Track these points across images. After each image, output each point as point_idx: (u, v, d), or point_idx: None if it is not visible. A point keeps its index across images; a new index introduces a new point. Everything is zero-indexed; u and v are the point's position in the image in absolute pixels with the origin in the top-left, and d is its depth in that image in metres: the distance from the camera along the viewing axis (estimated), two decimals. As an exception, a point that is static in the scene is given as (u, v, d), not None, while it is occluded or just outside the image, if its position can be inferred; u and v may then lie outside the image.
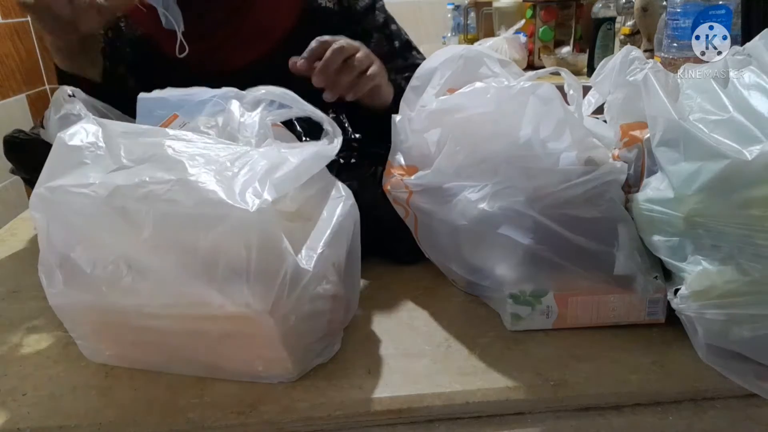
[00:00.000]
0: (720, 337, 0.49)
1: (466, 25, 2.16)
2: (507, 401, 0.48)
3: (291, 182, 0.47)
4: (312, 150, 0.50)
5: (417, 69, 0.67)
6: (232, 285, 0.44)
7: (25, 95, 2.50)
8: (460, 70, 0.64)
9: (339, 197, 0.54)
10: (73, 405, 0.49)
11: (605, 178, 0.53)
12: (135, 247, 0.46)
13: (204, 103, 0.59)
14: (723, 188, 0.46)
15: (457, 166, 0.57)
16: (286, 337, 0.47)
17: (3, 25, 2.36)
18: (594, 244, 0.54)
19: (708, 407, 0.49)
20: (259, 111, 0.54)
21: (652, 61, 0.57)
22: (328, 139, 0.53)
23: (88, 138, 0.49)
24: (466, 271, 0.60)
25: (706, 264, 0.48)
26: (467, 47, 0.65)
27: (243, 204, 0.43)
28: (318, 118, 0.54)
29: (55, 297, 0.49)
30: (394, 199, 0.63)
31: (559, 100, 0.54)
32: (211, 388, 0.50)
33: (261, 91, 0.56)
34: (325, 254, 0.49)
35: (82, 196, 0.46)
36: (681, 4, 0.99)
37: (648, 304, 0.54)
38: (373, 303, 0.62)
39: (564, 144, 0.55)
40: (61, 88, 0.72)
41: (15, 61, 2.43)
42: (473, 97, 0.57)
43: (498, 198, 0.55)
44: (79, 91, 0.73)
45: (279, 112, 0.55)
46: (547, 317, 0.55)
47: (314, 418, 0.48)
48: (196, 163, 0.46)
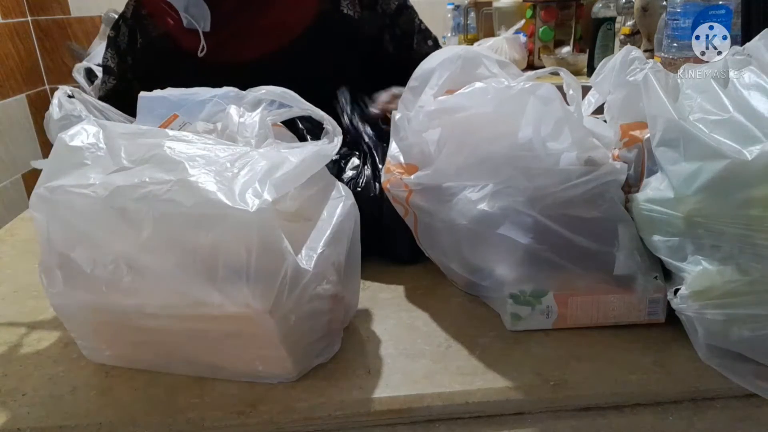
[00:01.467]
0: (720, 337, 0.49)
1: (466, 25, 2.16)
2: (507, 401, 0.48)
3: (291, 182, 0.47)
4: (312, 149, 0.50)
5: (415, 70, 0.67)
6: (232, 285, 0.44)
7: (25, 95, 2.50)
8: (458, 70, 0.64)
9: (339, 197, 0.54)
10: (73, 405, 0.49)
11: (605, 178, 0.53)
12: (135, 247, 0.46)
13: (204, 103, 0.59)
14: (723, 188, 0.46)
15: (458, 166, 0.57)
16: (286, 336, 0.47)
17: (3, 25, 2.36)
18: (594, 245, 0.54)
19: (708, 407, 0.49)
20: (260, 111, 0.54)
21: (652, 61, 0.57)
22: (328, 138, 0.53)
23: (89, 139, 0.49)
24: (466, 271, 0.60)
25: (706, 264, 0.48)
26: (465, 48, 0.65)
27: (243, 204, 0.43)
28: (318, 117, 0.54)
29: (55, 297, 0.50)
30: (393, 197, 0.63)
31: (559, 100, 0.54)
32: (211, 388, 0.50)
33: (261, 91, 0.56)
34: (325, 254, 0.49)
35: (82, 196, 0.46)
36: (681, 4, 0.99)
37: (648, 304, 0.54)
38: (373, 303, 0.62)
39: (564, 144, 0.55)
40: (61, 88, 0.72)
41: (15, 61, 2.43)
42: (473, 98, 0.57)
43: (498, 198, 0.55)
44: (79, 92, 0.73)
45: (279, 112, 0.55)
46: (547, 317, 0.55)
47: (314, 418, 0.48)
48: (195, 163, 0.46)
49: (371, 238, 0.60)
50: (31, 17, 2.55)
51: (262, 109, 0.55)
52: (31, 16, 2.55)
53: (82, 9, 2.65)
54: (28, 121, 2.49)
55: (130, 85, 0.92)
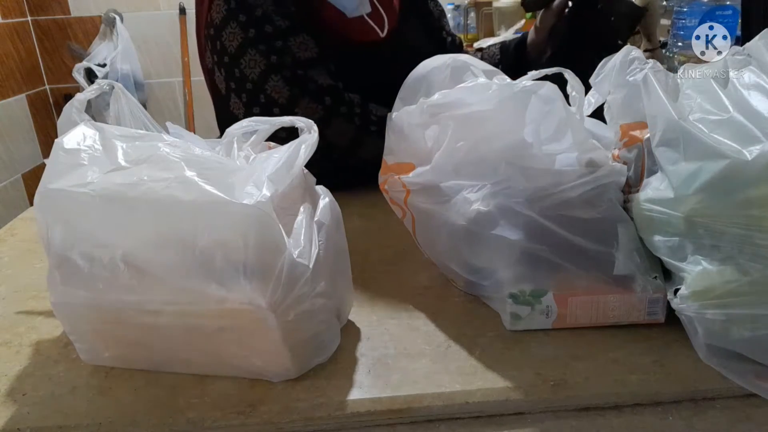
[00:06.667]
0: (720, 337, 0.49)
1: (466, 24, 2.16)
2: (507, 401, 0.49)
3: (285, 174, 0.48)
4: (295, 142, 0.51)
5: (405, 79, 0.68)
6: (231, 280, 0.45)
7: (25, 95, 2.50)
8: (447, 80, 0.64)
9: (320, 195, 0.55)
10: (73, 405, 0.49)
11: (605, 179, 0.53)
12: (133, 243, 0.46)
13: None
14: (723, 188, 0.46)
15: (457, 163, 0.57)
16: (286, 333, 0.47)
17: (3, 25, 2.36)
18: (593, 245, 0.54)
19: (708, 407, 0.49)
20: (246, 146, 0.55)
21: (652, 61, 0.57)
22: (306, 131, 0.54)
23: (86, 141, 0.50)
24: (465, 271, 0.60)
25: (706, 264, 0.48)
26: (453, 57, 0.65)
27: (241, 199, 0.44)
28: (289, 123, 0.54)
29: (55, 297, 0.50)
30: (391, 199, 0.63)
31: (561, 100, 0.54)
32: (211, 388, 0.50)
33: (233, 135, 0.56)
34: (319, 251, 0.49)
35: (80, 194, 0.46)
36: (688, 4, 0.99)
37: (648, 304, 0.54)
38: (373, 303, 0.62)
39: (565, 145, 0.55)
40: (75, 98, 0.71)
41: (15, 61, 2.43)
42: (475, 93, 0.56)
43: (497, 198, 0.55)
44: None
45: (252, 141, 0.55)
46: (547, 317, 0.55)
47: (314, 418, 0.48)
48: (192, 164, 0.47)
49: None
50: (31, 17, 2.56)
51: (246, 145, 0.55)
52: (31, 16, 2.55)
53: (82, 9, 2.65)
54: (28, 121, 2.49)
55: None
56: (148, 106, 2.74)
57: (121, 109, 0.67)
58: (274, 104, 0.90)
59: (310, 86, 0.90)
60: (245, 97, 0.91)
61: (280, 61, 0.90)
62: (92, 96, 0.59)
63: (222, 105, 0.96)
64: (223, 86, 0.95)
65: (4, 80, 2.35)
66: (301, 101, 0.89)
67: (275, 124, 0.55)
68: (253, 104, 0.91)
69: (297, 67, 0.90)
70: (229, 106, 0.94)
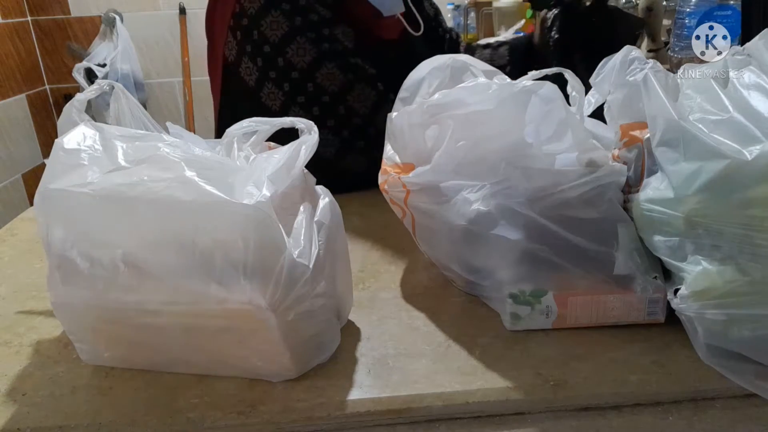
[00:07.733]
0: (720, 337, 0.49)
1: (466, 24, 2.16)
2: (507, 401, 0.49)
3: (285, 175, 0.48)
4: (296, 143, 0.51)
5: (405, 80, 0.68)
6: (231, 280, 0.45)
7: (25, 95, 2.50)
8: (447, 80, 0.64)
9: (320, 195, 0.55)
10: (73, 405, 0.49)
11: (605, 180, 0.53)
12: (134, 243, 0.46)
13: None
14: (723, 188, 0.46)
15: (457, 163, 0.57)
16: (286, 333, 0.47)
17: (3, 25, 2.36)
18: (593, 245, 0.54)
19: (708, 407, 0.49)
20: (246, 146, 0.55)
21: (652, 61, 0.57)
22: (306, 132, 0.54)
23: (86, 141, 0.50)
24: (465, 272, 0.60)
25: (706, 264, 0.48)
26: (453, 57, 0.66)
27: (241, 199, 0.44)
28: (289, 124, 0.54)
29: (55, 297, 0.50)
30: (391, 199, 0.63)
31: (561, 100, 0.54)
32: (211, 388, 0.50)
33: (233, 135, 0.56)
34: (319, 251, 0.49)
35: (80, 194, 0.46)
36: (694, 3, 0.99)
37: (648, 304, 0.54)
38: (373, 303, 0.62)
39: (565, 145, 0.55)
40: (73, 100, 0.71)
41: (15, 61, 2.43)
42: (475, 92, 0.56)
43: (497, 198, 0.55)
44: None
45: (252, 141, 0.55)
46: (547, 317, 0.55)
47: (314, 418, 0.48)
48: (192, 164, 0.47)
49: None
50: (31, 17, 2.56)
51: (246, 146, 0.55)
52: (31, 16, 2.55)
53: (82, 9, 2.65)
54: (28, 121, 2.49)
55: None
56: (148, 106, 2.74)
57: (121, 109, 0.67)
58: (323, 92, 0.90)
59: (362, 73, 0.91)
60: (288, 86, 0.90)
61: (333, 48, 0.90)
62: (92, 96, 0.59)
63: (247, 97, 0.94)
64: (253, 77, 0.92)
65: (4, 80, 2.35)
66: (356, 86, 0.90)
67: (275, 125, 0.55)
68: (297, 93, 0.90)
69: (349, 54, 0.91)
70: (260, 98, 0.92)
